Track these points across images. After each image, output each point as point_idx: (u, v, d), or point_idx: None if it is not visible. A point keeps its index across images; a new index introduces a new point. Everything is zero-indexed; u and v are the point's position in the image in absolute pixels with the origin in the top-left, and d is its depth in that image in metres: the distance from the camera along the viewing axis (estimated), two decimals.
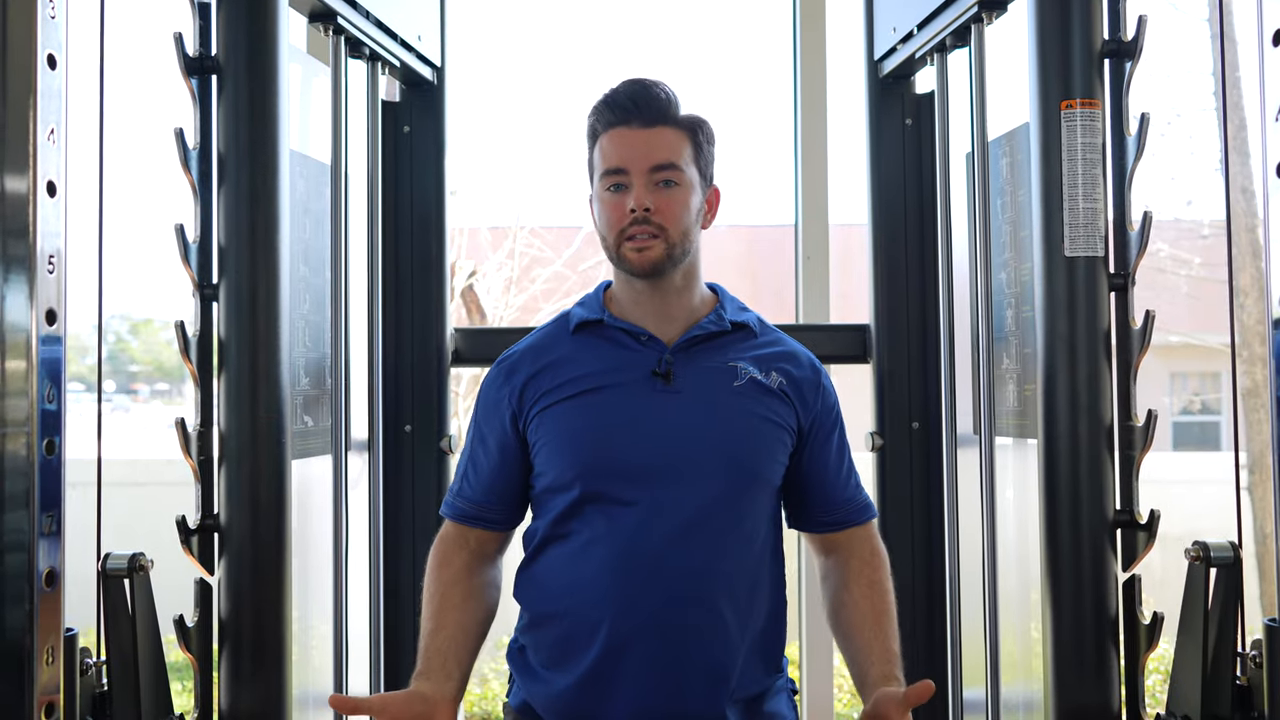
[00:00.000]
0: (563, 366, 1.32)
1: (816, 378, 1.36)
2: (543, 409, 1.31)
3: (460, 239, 6.20)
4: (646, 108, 1.28)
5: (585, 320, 1.34)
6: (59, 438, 1.09)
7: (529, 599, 1.34)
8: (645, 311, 1.32)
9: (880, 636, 1.30)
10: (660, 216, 1.27)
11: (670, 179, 1.28)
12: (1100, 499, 1.39)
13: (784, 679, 1.38)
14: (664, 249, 1.27)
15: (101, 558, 1.28)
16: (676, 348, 1.31)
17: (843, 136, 2.18)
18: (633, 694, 1.25)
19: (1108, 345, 1.41)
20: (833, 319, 2.19)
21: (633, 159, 1.27)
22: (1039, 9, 1.44)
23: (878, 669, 1.27)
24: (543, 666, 1.32)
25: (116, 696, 1.25)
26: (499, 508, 1.35)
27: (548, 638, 1.31)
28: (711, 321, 1.33)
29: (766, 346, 1.36)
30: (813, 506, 1.37)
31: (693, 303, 1.34)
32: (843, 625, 1.33)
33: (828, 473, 1.36)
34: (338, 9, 1.62)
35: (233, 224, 1.40)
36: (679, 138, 1.29)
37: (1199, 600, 1.24)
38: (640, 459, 1.27)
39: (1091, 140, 1.41)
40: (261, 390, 1.39)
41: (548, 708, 1.31)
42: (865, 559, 1.36)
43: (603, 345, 1.33)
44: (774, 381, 1.32)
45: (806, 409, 1.34)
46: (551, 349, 1.35)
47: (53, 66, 1.09)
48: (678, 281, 1.32)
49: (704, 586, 1.25)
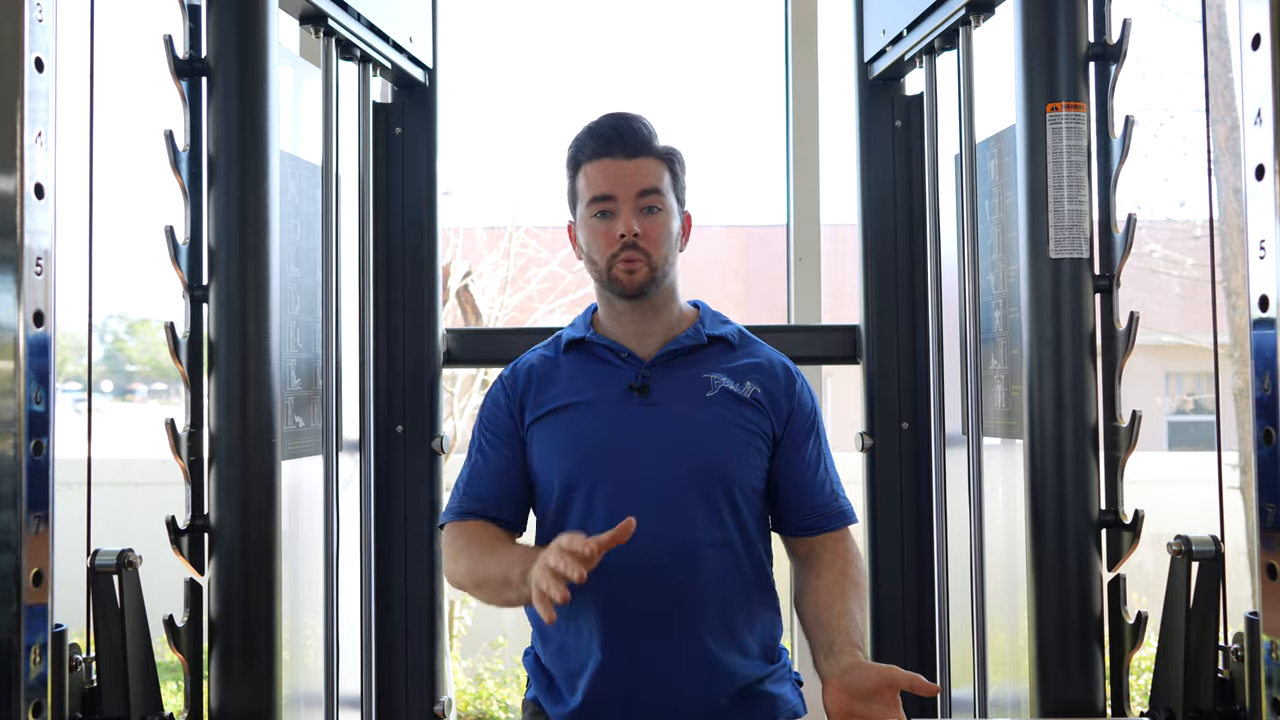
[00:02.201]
0: (552, 383, 1.41)
1: (790, 385, 1.42)
2: (533, 421, 1.40)
3: (455, 239, 6.20)
4: (631, 138, 1.36)
5: (573, 339, 1.44)
6: (46, 439, 1.09)
7: (530, 612, 1.39)
8: (626, 330, 1.41)
9: (846, 614, 1.29)
10: (646, 241, 1.35)
11: (654, 205, 1.36)
12: (1085, 499, 1.40)
13: (786, 667, 1.42)
14: (649, 271, 1.36)
15: (90, 554, 1.28)
16: (653, 362, 1.39)
17: (834, 138, 2.19)
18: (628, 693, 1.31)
19: (1093, 346, 1.42)
20: (824, 319, 2.20)
21: (620, 186, 1.36)
22: (1025, 12, 1.45)
23: (842, 637, 1.26)
24: (552, 670, 1.39)
25: (106, 692, 1.25)
26: (500, 503, 1.40)
27: (550, 647, 1.39)
28: (689, 336, 1.41)
29: (743, 358, 1.43)
30: (788, 510, 1.40)
31: (671, 319, 1.42)
32: (807, 607, 1.34)
33: (803, 477, 1.39)
34: (328, 11, 1.63)
35: (223, 225, 1.41)
36: (659, 167, 1.38)
37: (1181, 594, 1.25)
38: (619, 468, 1.34)
39: (1076, 142, 1.42)
40: (251, 391, 1.40)
41: (554, 712, 1.38)
42: (839, 554, 1.38)
43: (588, 362, 1.42)
44: (748, 390, 1.39)
45: (779, 414, 1.39)
46: (545, 366, 1.44)
47: (40, 69, 1.09)
48: (657, 301, 1.40)
49: (687, 590, 1.31)
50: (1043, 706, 1.39)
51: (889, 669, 1.18)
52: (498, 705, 4.58)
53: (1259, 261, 1.04)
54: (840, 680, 1.20)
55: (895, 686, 1.17)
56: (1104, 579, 1.41)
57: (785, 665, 1.42)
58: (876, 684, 1.17)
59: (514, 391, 1.43)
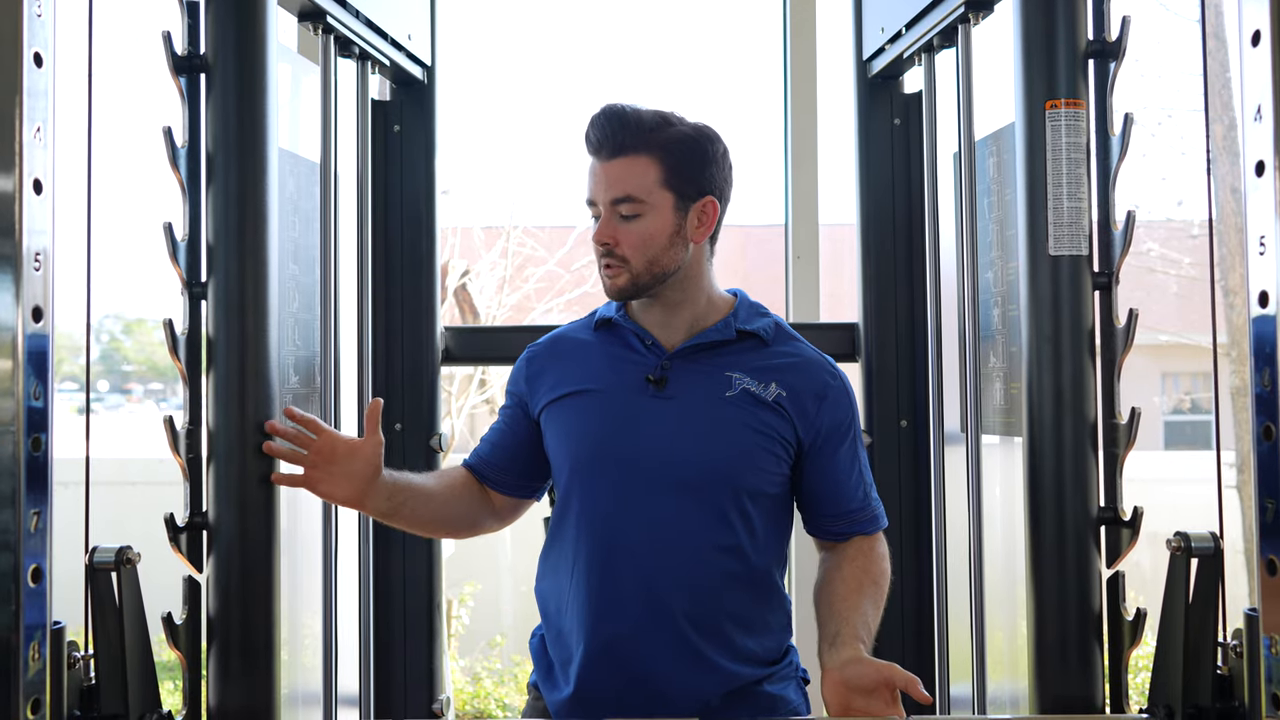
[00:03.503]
0: (573, 363, 1.40)
1: (824, 389, 1.36)
2: (548, 403, 1.40)
3: (454, 238, 6.20)
4: (610, 139, 1.31)
5: (604, 319, 1.42)
6: (45, 435, 1.09)
7: (540, 593, 1.41)
8: (653, 318, 1.39)
9: (858, 609, 1.29)
10: (621, 249, 1.32)
11: (630, 212, 1.31)
12: (1084, 496, 1.40)
13: (791, 665, 1.40)
14: (628, 278, 1.33)
15: (89, 552, 1.28)
16: (675, 354, 1.36)
17: (833, 137, 2.19)
18: (620, 685, 1.29)
19: (1092, 344, 1.42)
20: (823, 319, 2.20)
21: (598, 192, 1.34)
22: (1024, 9, 1.45)
23: (848, 629, 1.26)
24: (552, 656, 1.39)
25: (104, 689, 1.25)
26: (494, 465, 1.45)
27: (551, 632, 1.39)
28: (716, 330, 1.37)
29: (775, 357, 1.37)
30: (821, 516, 1.39)
31: (696, 312, 1.37)
32: (823, 598, 1.34)
33: (837, 481, 1.37)
34: (327, 8, 1.62)
35: (221, 222, 1.40)
36: (646, 165, 1.31)
37: (1180, 591, 1.25)
38: (622, 462, 1.31)
39: (1076, 140, 1.42)
40: (250, 388, 1.40)
41: (549, 698, 1.37)
42: (864, 551, 1.38)
43: (613, 346, 1.40)
44: (770, 394, 1.33)
45: (807, 421, 1.34)
46: (570, 343, 1.44)
47: (39, 65, 1.09)
48: (672, 296, 1.36)
49: (679, 591, 1.29)
50: (1041, 703, 1.39)
51: (888, 667, 1.18)
52: (495, 704, 4.58)
53: (1259, 258, 1.04)
54: (840, 672, 1.21)
55: (892, 686, 1.17)
56: (1103, 576, 1.41)
57: (790, 664, 1.40)
58: (875, 681, 1.18)
59: (531, 367, 1.43)
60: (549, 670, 1.38)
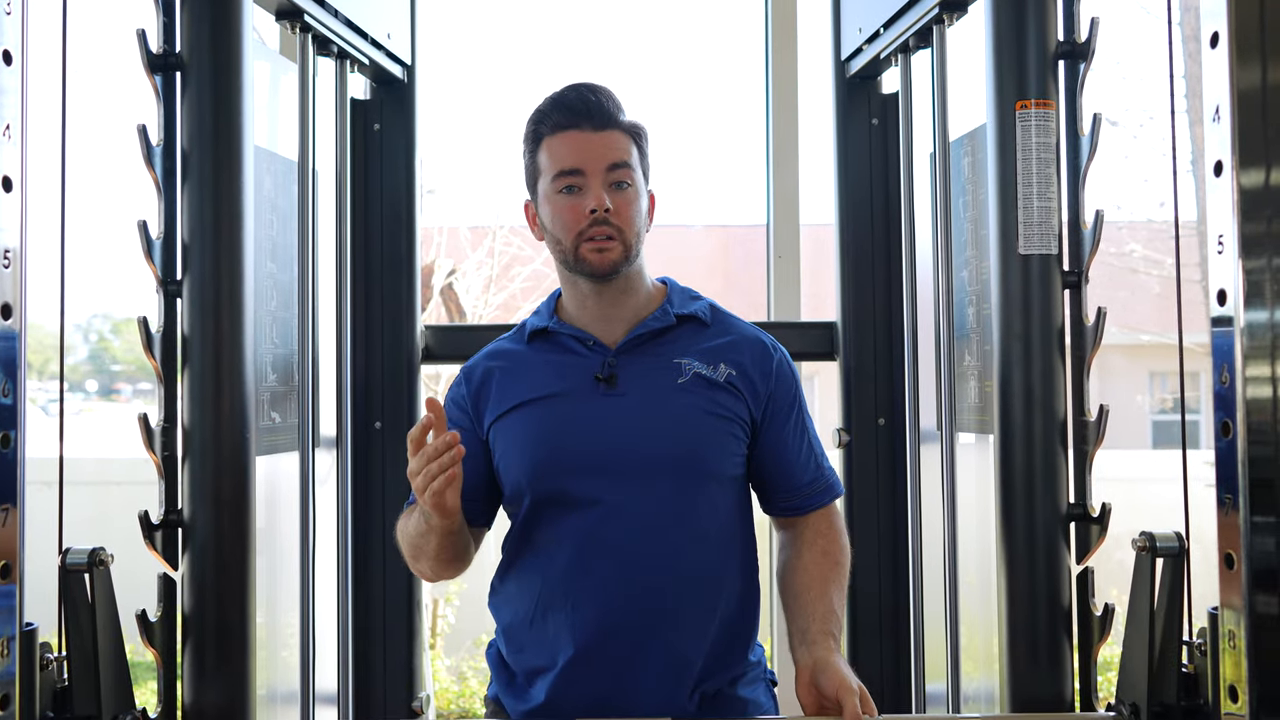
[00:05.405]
0: (515, 376, 1.35)
1: (767, 363, 1.35)
2: (496, 418, 1.34)
3: (440, 238, 6.19)
4: (599, 110, 1.30)
5: (537, 328, 1.37)
6: (14, 432, 1.09)
7: (497, 608, 1.38)
8: (591, 315, 1.35)
9: (824, 599, 1.29)
10: (618, 218, 1.29)
11: (625, 180, 1.30)
12: (1054, 492, 1.42)
13: (760, 667, 1.39)
14: (622, 250, 1.29)
15: (62, 553, 1.28)
16: (619, 349, 1.33)
17: (815, 137, 2.20)
18: (594, 692, 1.28)
19: (1062, 342, 1.43)
20: (804, 319, 2.21)
21: (589, 160, 1.28)
22: (995, 11, 1.46)
23: (817, 625, 1.26)
24: (515, 668, 1.35)
25: (77, 691, 1.25)
26: (466, 496, 1.32)
27: (514, 643, 1.35)
28: (655, 319, 1.34)
29: (716, 337, 1.36)
30: (775, 491, 1.38)
31: (638, 302, 1.35)
32: (789, 587, 1.34)
33: (787, 456, 1.36)
34: (305, 7, 1.63)
35: (196, 220, 1.40)
36: (627, 141, 1.32)
37: (1146, 590, 1.26)
38: (587, 464, 1.29)
39: (1045, 140, 1.43)
40: (225, 386, 1.40)
41: (514, 708, 1.35)
42: (821, 531, 1.37)
43: (552, 353, 1.36)
44: (721, 374, 1.32)
45: (756, 397, 1.34)
46: (507, 358, 1.38)
47: (8, 62, 1.09)
48: (624, 284, 1.34)
49: (662, 585, 1.27)
50: (1013, 698, 1.41)
51: (847, 691, 1.18)
52: (480, 703, 4.58)
53: (1217, 256, 1.06)
54: (811, 675, 1.22)
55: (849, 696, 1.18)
56: (1072, 571, 1.42)
57: (760, 665, 1.39)
58: (833, 697, 1.20)
59: (470, 391, 1.36)
60: (511, 680, 1.36)
